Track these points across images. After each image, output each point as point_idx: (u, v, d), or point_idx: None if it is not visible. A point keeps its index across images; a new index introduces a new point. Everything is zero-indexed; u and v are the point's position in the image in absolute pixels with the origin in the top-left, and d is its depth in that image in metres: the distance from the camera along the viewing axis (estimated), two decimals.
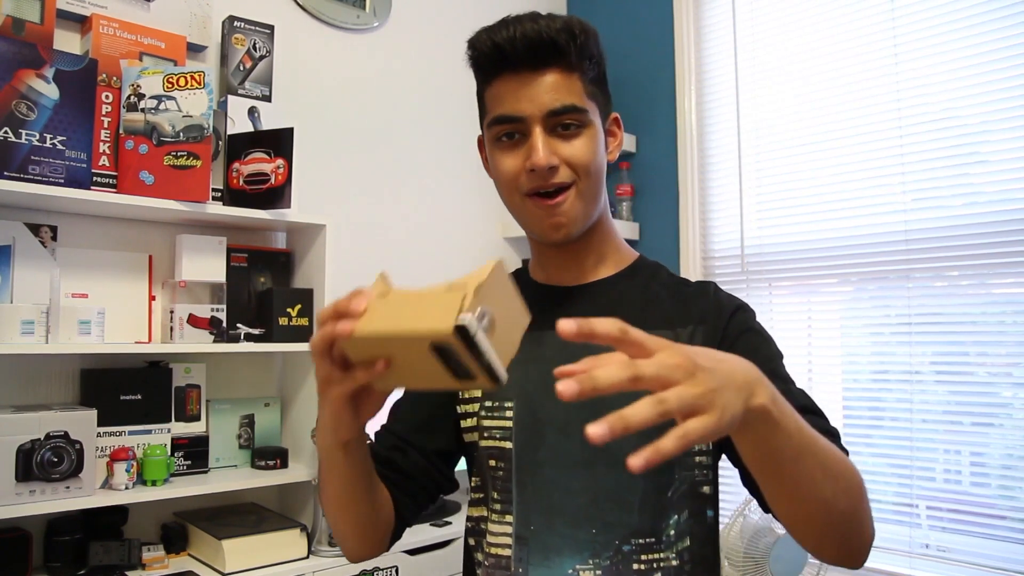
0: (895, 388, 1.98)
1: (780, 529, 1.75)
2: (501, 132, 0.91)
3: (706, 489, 0.90)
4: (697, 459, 0.90)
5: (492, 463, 0.93)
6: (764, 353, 0.90)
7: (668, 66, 2.51)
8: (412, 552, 1.81)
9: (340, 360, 0.69)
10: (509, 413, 0.93)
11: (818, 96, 2.16)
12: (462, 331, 0.59)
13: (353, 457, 0.80)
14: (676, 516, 0.89)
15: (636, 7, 2.64)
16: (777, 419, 0.62)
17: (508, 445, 0.92)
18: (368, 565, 1.72)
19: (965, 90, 1.88)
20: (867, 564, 2.17)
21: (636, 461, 0.55)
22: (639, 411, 0.55)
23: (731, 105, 2.37)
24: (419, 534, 1.86)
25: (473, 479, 0.98)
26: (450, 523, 1.97)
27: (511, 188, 0.92)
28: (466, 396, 0.98)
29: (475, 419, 0.96)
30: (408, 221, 2.34)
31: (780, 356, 0.92)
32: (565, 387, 0.55)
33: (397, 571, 1.77)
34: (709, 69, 2.44)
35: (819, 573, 1.83)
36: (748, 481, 0.84)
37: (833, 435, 0.81)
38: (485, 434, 0.94)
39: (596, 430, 0.55)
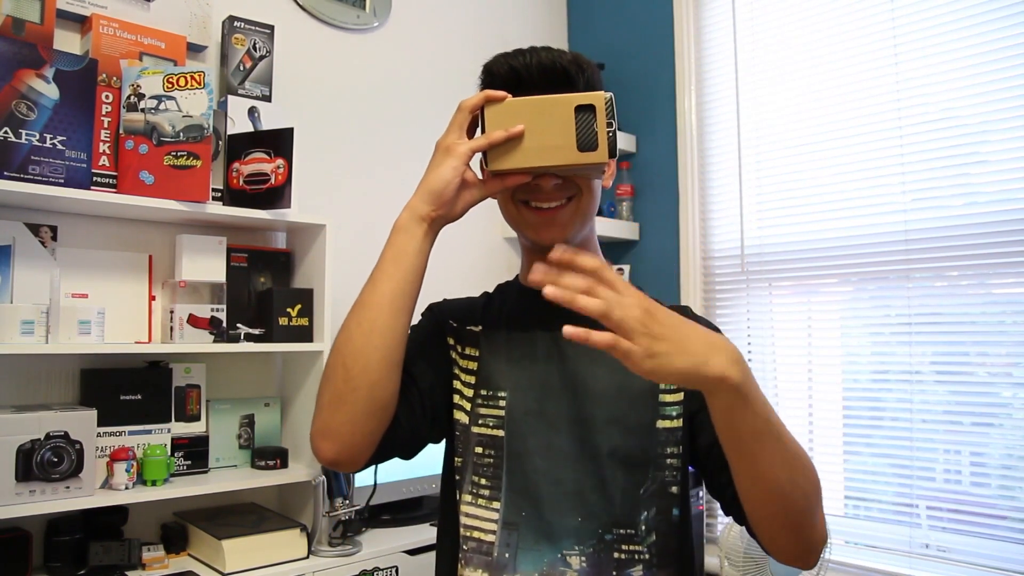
0: (895, 388, 1.98)
1: None
2: None
3: (674, 489, 0.95)
4: (668, 461, 0.94)
5: (479, 450, 0.97)
6: None
7: (668, 66, 2.51)
8: (412, 552, 1.81)
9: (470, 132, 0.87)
10: (502, 403, 0.97)
11: (818, 96, 2.16)
12: (610, 100, 0.84)
13: (426, 244, 0.90)
14: (646, 512, 0.93)
15: (636, 7, 2.64)
16: (745, 395, 0.73)
17: (500, 433, 0.96)
18: (368, 565, 1.72)
19: (965, 90, 1.88)
20: (867, 564, 2.17)
21: (569, 330, 0.70)
22: (593, 308, 0.70)
23: (731, 105, 2.37)
24: (419, 534, 1.87)
25: (456, 459, 1.00)
26: None
27: (506, 197, 0.96)
28: (464, 379, 1.00)
29: (469, 403, 0.99)
30: None
31: None
32: (550, 290, 0.70)
33: (397, 571, 1.77)
34: (709, 69, 2.44)
35: (819, 573, 1.83)
36: (712, 487, 0.94)
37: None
38: (479, 421, 0.97)
39: (551, 291, 0.71)
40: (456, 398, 1.01)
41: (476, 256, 2.49)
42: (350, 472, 1.03)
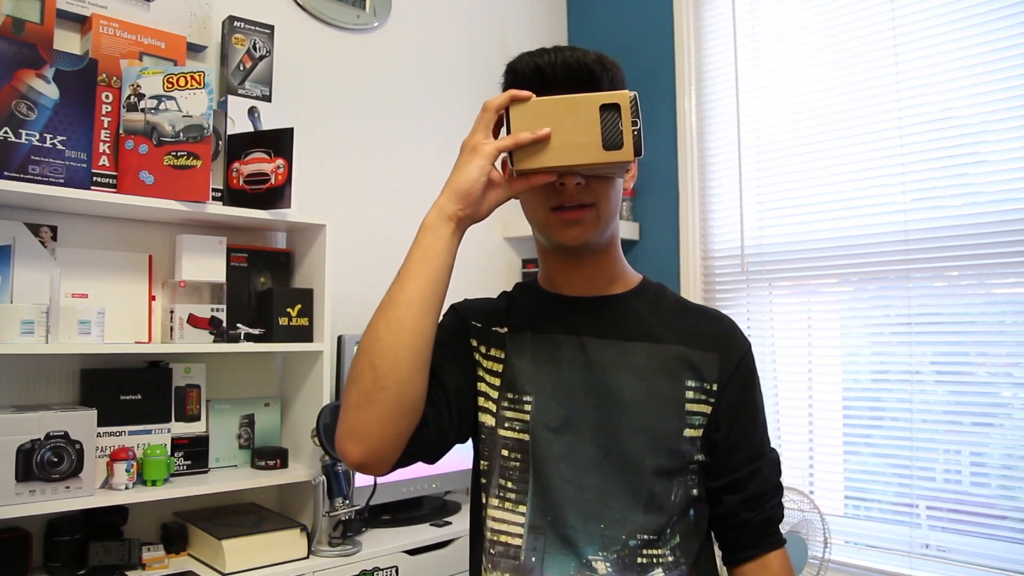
0: (895, 388, 1.98)
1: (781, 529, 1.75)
2: None
3: (695, 492, 0.98)
4: (692, 466, 0.97)
5: (506, 453, 0.97)
6: (758, 407, 1.05)
7: (668, 66, 2.51)
8: (412, 552, 1.81)
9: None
10: (527, 407, 0.96)
11: (818, 96, 2.16)
12: (635, 98, 0.85)
13: (454, 244, 0.91)
14: (672, 517, 0.95)
15: (636, 7, 2.64)
16: None
17: (525, 437, 0.95)
18: (368, 565, 1.72)
19: (965, 90, 1.88)
20: (867, 564, 2.17)
21: None
22: None
23: (731, 105, 2.37)
24: (419, 534, 1.87)
25: (482, 462, 1.01)
26: (450, 523, 1.97)
27: (537, 202, 0.96)
28: (489, 380, 1.00)
29: (495, 405, 0.98)
30: (409, 221, 2.32)
31: (763, 404, 1.06)
32: None
33: (397, 571, 1.77)
34: (709, 69, 2.44)
35: (819, 573, 1.83)
36: (715, 527, 1.02)
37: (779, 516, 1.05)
38: (505, 424, 0.97)
39: None
40: (481, 400, 1.00)
41: (476, 256, 2.49)
42: (377, 475, 1.04)
